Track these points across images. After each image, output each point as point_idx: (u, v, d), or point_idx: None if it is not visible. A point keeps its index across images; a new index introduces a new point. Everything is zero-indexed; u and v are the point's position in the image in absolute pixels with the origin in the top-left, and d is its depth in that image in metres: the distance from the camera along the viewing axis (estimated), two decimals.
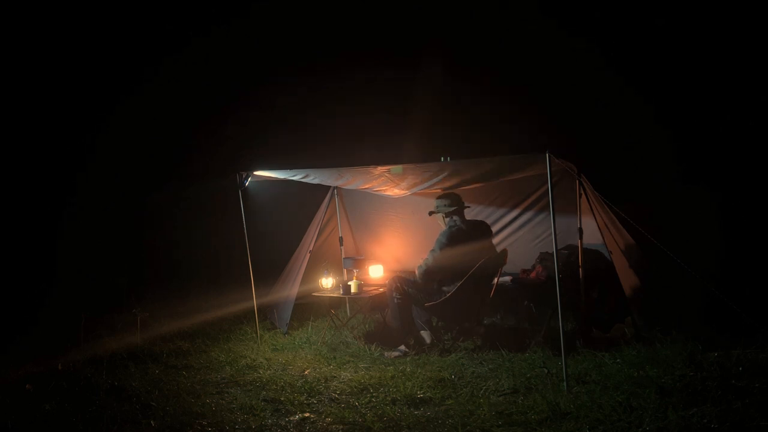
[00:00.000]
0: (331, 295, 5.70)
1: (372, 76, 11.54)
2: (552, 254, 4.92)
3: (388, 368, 4.68)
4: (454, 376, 4.41)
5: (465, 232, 5.18)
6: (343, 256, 6.81)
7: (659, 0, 10.16)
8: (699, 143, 8.98)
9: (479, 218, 6.53)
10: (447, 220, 5.27)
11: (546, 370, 4.30)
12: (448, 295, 5.00)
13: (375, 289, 5.62)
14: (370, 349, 5.21)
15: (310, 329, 5.95)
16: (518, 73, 10.80)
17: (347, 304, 6.68)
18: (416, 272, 5.18)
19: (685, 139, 9.17)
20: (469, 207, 5.43)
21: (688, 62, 9.75)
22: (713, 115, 9.26)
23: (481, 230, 5.35)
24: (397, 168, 4.99)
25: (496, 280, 5.24)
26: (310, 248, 6.18)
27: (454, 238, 5.11)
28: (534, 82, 10.65)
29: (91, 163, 9.65)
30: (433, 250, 5.12)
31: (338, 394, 4.19)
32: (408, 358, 4.96)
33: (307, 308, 6.46)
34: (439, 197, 5.39)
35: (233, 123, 11.25)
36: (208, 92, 11.24)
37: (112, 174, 9.72)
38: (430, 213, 5.46)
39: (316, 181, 5.68)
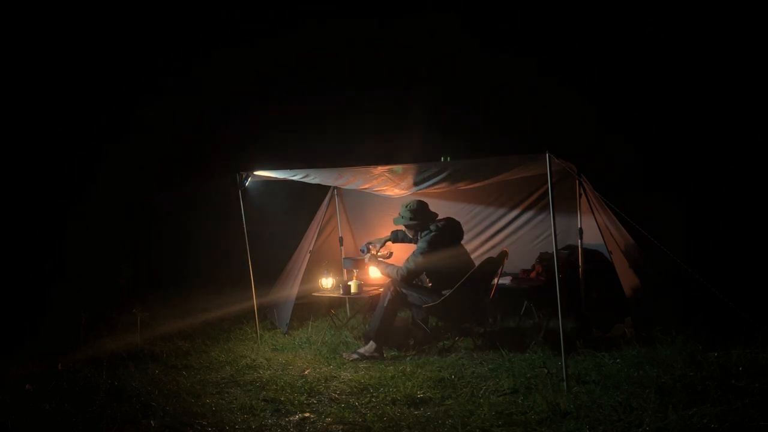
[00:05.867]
0: (331, 295, 5.70)
1: (372, 76, 11.56)
2: (552, 254, 4.93)
3: (388, 368, 4.69)
4: (454, 376, 4.41)
5: (443, 236, 5.22)
6: (343, 256, 6.81)
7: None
8: (698, 146, 9.03)
9: (479, 218, 6.56)
10: (423, 233, 5.28)
11: (546, 370, 4.30)
12: (446, 296, 4.99)
13: (375, 289, 5.62)
14: None
15: (310, 329, 5.95)
16: (518, 73, 10.83)
17: (347, 304, 6.68)
18: (396, 275, 5.19)
19: (685, 142, 9.21)
20: (437, 215, 5.44)
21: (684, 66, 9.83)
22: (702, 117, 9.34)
23: (458, 230, 5.39)
24: (397, 168, 4.99)
25: (495, 280, 5.24)
26: (310, 248, 6.18)
27: (433, 243, 5.16)
28: (534, 82, 10.68)
29: (90, 164, 9.66)
30: (414, 255, 5.16)
31: (338, 394, 4.19)
32: (367, 363, 4.92)
33: (307, 308, 6.46)
34: (404, 205, 5.40)
35: (233, 123, 11.26)
36: (208, 92, 11.24)
37: (112, 174, 9.72)
38: (395, 220, 5.51)
39: (316, 181, 5.69)
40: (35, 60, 9.83)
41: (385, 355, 5.09)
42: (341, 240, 6.91)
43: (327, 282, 5.84)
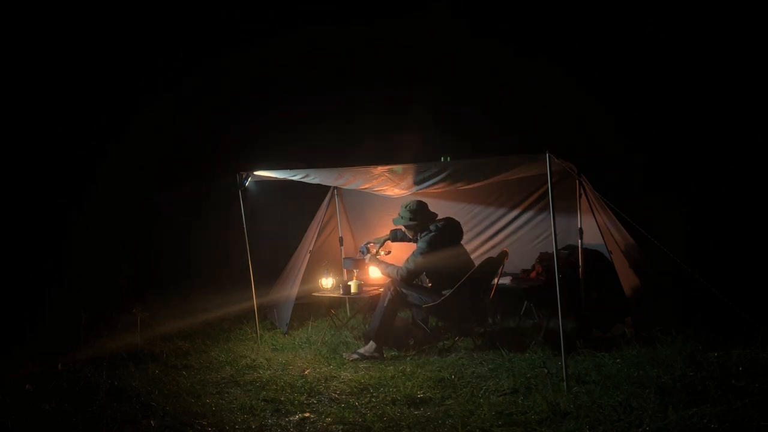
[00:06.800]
0: (331, 295, 5.70)
1: (372, 76, 11.56)
2: (552, 254, 4.93)
3: (388, 368, 4.69)
4: (454, 376, 4.41)
5: (442, 237, 5.23)
6: (343, 256, 6.81)
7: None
8: (698, 146, 9.04)
9: (479, 218, 6.56)
10: (423, 233, 5.28)
11: (546, 370, 4.30)
12: (446, 296, 4.99)
13: (375, 289, 5.62)
14: None
15: (310, 329, 5.95)
16: (518, 73, 10.84)
17: (347, 304, 6.68)
18: (396, 275, 5.19)
19: (685, 142, 9.22)
20: (437, 215, 5.45)
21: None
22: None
23: (458, 231, 5.40)
24: (397, 168, 4.99)
25: (495, 280, 5.24)
26: (310, 248, 6.18)
27: (433, 244, 5.16)
28: (534, 82, 10.69)
29: (90, 164, 9.66)
30: (414, 255, 5.16)
31: (338, 394, 4.19)
32: (367, 363, 4.92)
33: (307, 308, 6.46)
34: (404, 205, 5.41)
35: (234, 123, 11.27)
36: (208, 92, 11.24)
37: (112, 174, 9.72)
38: (394, 220, 5.51)
39: (316, 181, 5.69)
40: (36, 60, 9.84)
41: (385, 355, 5.09)
42: (341, 240, 6.91)
43: (327, 282, 5.84)
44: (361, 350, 5.09)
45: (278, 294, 6.41)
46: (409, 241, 5.61)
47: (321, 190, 6.72)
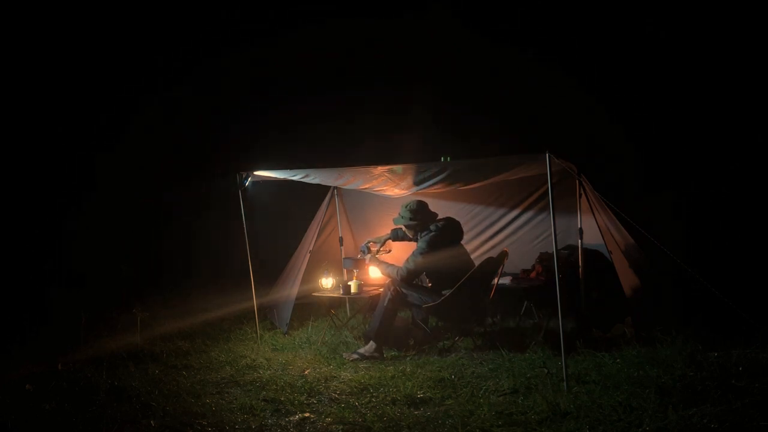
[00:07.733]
0: (331, 295, 5.70)
1: (372, 76, 11.55)
2: (552, 254, 4.93)
3: (388, 368, 4.69)
4: (454, 376, 4.41)
5: (443, 236, 5.23)
6: (343, 256, 6.81)
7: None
8: (698, 146, 9.04)
9: (479, 218, 6.56)
10: (423, 233, 5.28)
11: (546, 370, 4.30)
12: (446, 296, 4.99)
13: (375, 289, 5.62)
14: None
15: (310, 329, 5.95)
16: (518, 73, 10.83)
17: (347, 304, 6.68)
18: (396, 275, 5.19)
19: (685, 142, 9.22)
20: (437, 215, 5.45)
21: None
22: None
23: (458, 231, 5.40)
24: (397, 168, 4.99)
25: (495, 280, 5.24)
26: (310, 248, 6.18)
27: (433, 244, 5.16)
28: (534, 82, 10.69)
29: (90, 164, 9.66)
30: (414, 255, 5.16)
31: (338, 394, 4.19)
32: (367, 363, 4.92)
33: (307, 308, 6.46)
34: (404, 205, 5.41)
35: (234, 123, 11.26)
36: (208, 92, 11.24)
37: (112, 174, 9.72)
38: (395, 220, 5.52)
39: (316, 181, 5.69)
40: (36, 59, 9.84)
41: (385, 355, 5.09)
42: (341, 240, 6.91)
43: (327, 282, 5.84)
44: (361, 350, 5.09)
45: (278, 294, 6.41)
46: (410, 240, 5.61)
47: (321, 190, 6.72)
